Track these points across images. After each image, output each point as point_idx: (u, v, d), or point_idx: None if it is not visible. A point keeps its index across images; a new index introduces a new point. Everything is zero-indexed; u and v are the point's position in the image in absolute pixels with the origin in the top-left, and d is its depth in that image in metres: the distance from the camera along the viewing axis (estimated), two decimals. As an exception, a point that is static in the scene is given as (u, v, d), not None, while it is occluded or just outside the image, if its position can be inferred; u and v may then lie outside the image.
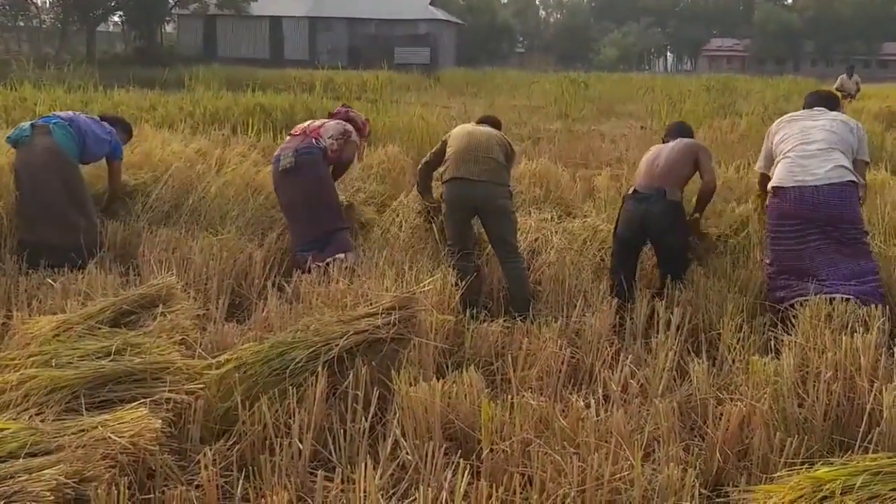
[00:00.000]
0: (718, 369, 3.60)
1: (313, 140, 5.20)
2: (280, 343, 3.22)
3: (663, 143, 5.20)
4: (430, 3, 52.12)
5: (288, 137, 5.44)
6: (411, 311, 3.43)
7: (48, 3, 43.97)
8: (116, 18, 46.43)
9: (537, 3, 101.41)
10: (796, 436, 2.86)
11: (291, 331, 3.36)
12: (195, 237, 4.99)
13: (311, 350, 3.18)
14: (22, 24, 45.59)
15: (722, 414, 3.02)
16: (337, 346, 3.18)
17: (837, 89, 18.96)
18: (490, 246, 4.99)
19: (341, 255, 4.92)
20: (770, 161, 4.72)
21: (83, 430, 2.49)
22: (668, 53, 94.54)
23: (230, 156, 6.59)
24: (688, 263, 4.79)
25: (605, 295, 4.31)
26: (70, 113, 5.41)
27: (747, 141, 7.85)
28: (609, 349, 3.63)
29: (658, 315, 3.96)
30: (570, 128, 12.70)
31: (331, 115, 5.67)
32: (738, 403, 3.08)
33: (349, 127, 5.42)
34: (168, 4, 44.28)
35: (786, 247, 4.41)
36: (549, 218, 5.74)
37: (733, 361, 3.54)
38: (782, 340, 3.59)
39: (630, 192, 4.86)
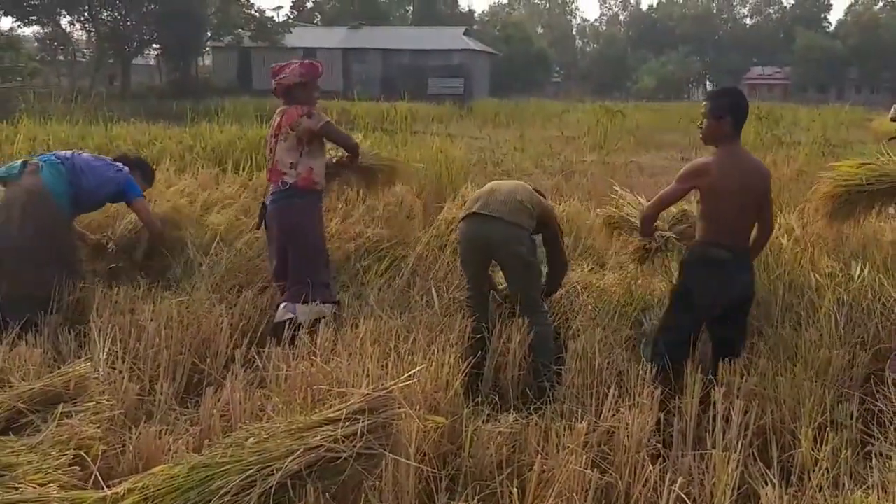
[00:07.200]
0: (798, 492, 2.68)
1: (279, 183, 4.51)
2: (204, 465, 2.39)
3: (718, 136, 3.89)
4: (465, 34, 51.85)
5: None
6: (386, 417, 2.59)
7: (90, 38, 44.68)
8: (154, 52, 47.02)
9: (574, 32, 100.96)
10: None
11: (224, 444, 2.53)
12: (155, 299, 4.23)
13: (244, 476, 2.34)
14: (62, 58, 46.28)
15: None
16: (279, 470, 2.35)
17: (893, 119, 17.85)
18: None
19: (323, 308, 4.32)
20: None
21: None
22: (708, 82, 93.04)
23: (217, 197, 5.82)
24: None
25: (645, 378, 3.36)
26: (69, 152, 4.85)
27: (806, 178, 6.87)
28: (651, 467, 2.71)
29: (715, 409, 3.06)
30: (606, 160, 11.79)
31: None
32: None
33: (303, 119, 4.58)
34: (203, 37, 44.56)
35: None
36: (579, 271, 4.89)
37: (820, 487, 2.62)
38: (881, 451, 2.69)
39: (726, 254, 3.59)
